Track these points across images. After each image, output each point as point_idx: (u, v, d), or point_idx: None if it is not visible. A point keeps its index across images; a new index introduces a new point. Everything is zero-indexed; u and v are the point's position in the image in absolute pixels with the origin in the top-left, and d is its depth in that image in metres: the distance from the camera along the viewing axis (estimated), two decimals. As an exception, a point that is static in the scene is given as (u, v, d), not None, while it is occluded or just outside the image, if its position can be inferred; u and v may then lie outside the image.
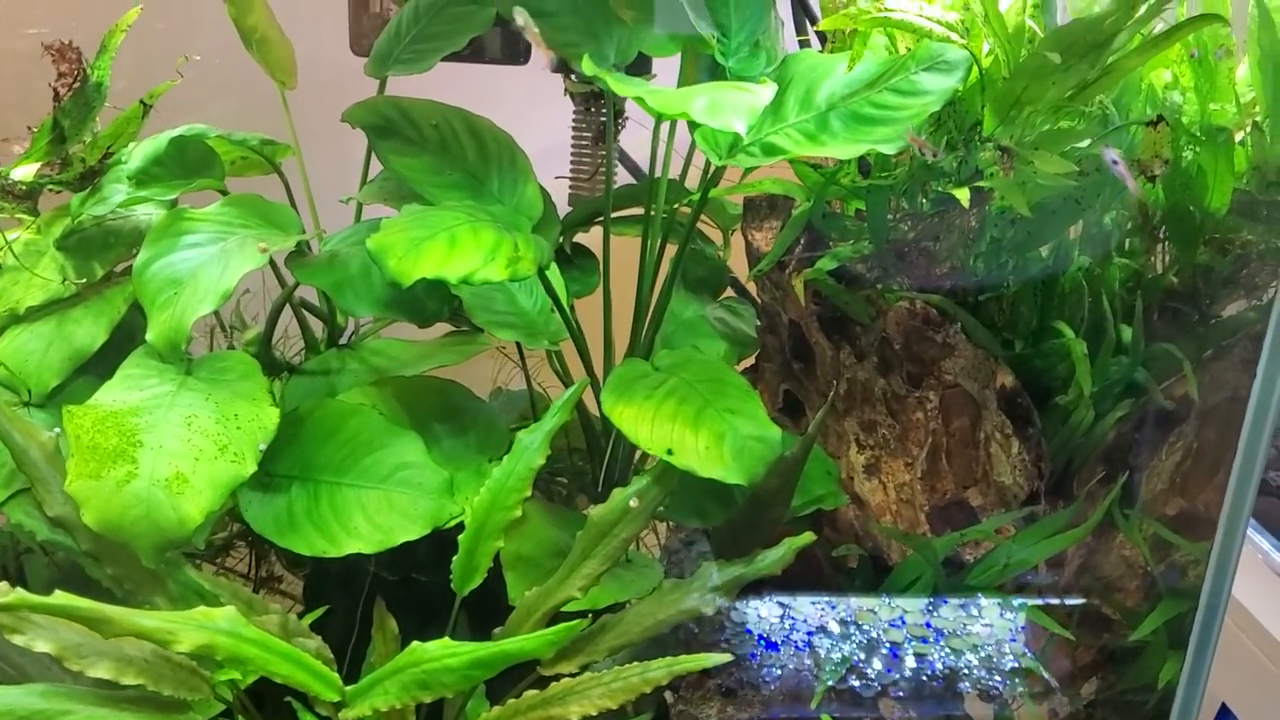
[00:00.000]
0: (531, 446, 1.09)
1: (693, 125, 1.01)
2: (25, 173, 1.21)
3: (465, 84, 1.29)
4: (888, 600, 1.27)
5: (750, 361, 1.28)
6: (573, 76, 1.28)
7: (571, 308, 1.23)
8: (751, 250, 1.21)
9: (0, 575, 1.27)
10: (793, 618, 1.32)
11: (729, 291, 1.36)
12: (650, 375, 1.09)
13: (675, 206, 1.21)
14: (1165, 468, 1.18)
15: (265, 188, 1.31)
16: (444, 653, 0.97)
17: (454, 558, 1.09)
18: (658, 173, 1.20)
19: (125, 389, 1.08)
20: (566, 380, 1.26)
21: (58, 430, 1.15)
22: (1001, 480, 1.17)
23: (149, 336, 1.10)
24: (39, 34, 1.24)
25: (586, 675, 1.02)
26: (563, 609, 1.07)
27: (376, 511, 1.11)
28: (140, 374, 1.10)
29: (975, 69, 1.01)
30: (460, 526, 1.10)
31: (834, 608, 1.29)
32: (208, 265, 1.09)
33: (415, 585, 1.23)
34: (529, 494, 1.09)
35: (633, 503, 1.03)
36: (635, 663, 1.02)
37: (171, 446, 1.03)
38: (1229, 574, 0.97)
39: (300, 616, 1.30)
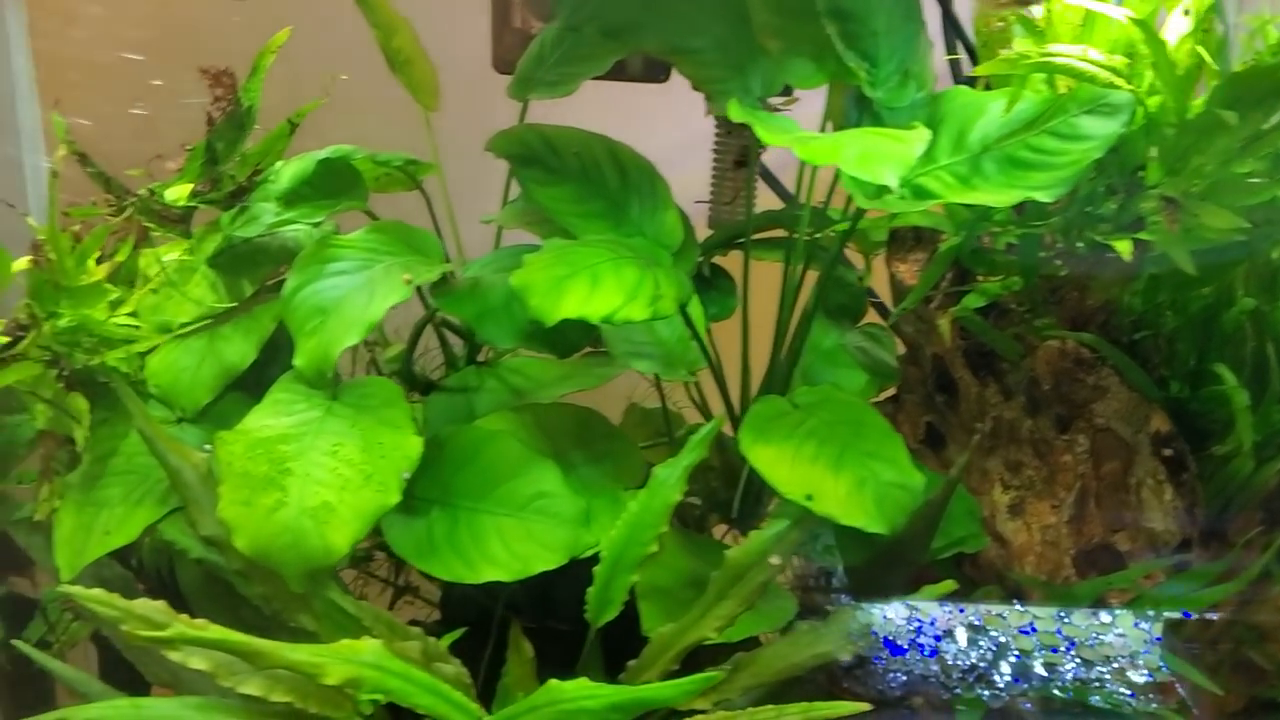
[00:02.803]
0: (669, 482, 1.09)
1: (841, 164, 0.99)
2: (178, 193, 1.25)
3: (603, 101, 1.29)
4: (1018, 605, 1.24)
5: (891, 391, 1.26)
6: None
7: (708, 330, 1.22)
8: (895, 282, 1.18)
9: (154, 577, 1.31)
10: (919, 620, 1.30)
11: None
12: (789, 414, 1.08)
13: (819, 233, 1.19)
14: (1329, 518, 1.12)
15: (406, 204, 1.32)
16: (582, 694, 0.98)
17: (588, 589, 1.10)
18: (802, 198, 1.18)
19: (273, 414, 1.11)
20: (703, 408, 1.25)
21: (208, 447, 1.19)
22: (1152, 526, 1.13)
23: (296, 363, 1.12)
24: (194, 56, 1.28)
25: (720, 715, 1.02)
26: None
27: (514, 539, 1.12)
28: (288, 399, 1.12)
29: (1140, 112, 0.97)
30: (595, 556, 1.11)
31: (962, 611, 1.27)
32: (353, 295, 1.11)
33: (547, 607, 1.25)
34: (665, 529, 1.09)
35: (773, 560, 1.02)
36: (770, 705, 1.02)
37: (318, 475, 1.06)
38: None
39: (436, 625, 1.33)
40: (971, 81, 1.20)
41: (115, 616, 1.05)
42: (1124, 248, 0.95)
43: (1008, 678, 1.23)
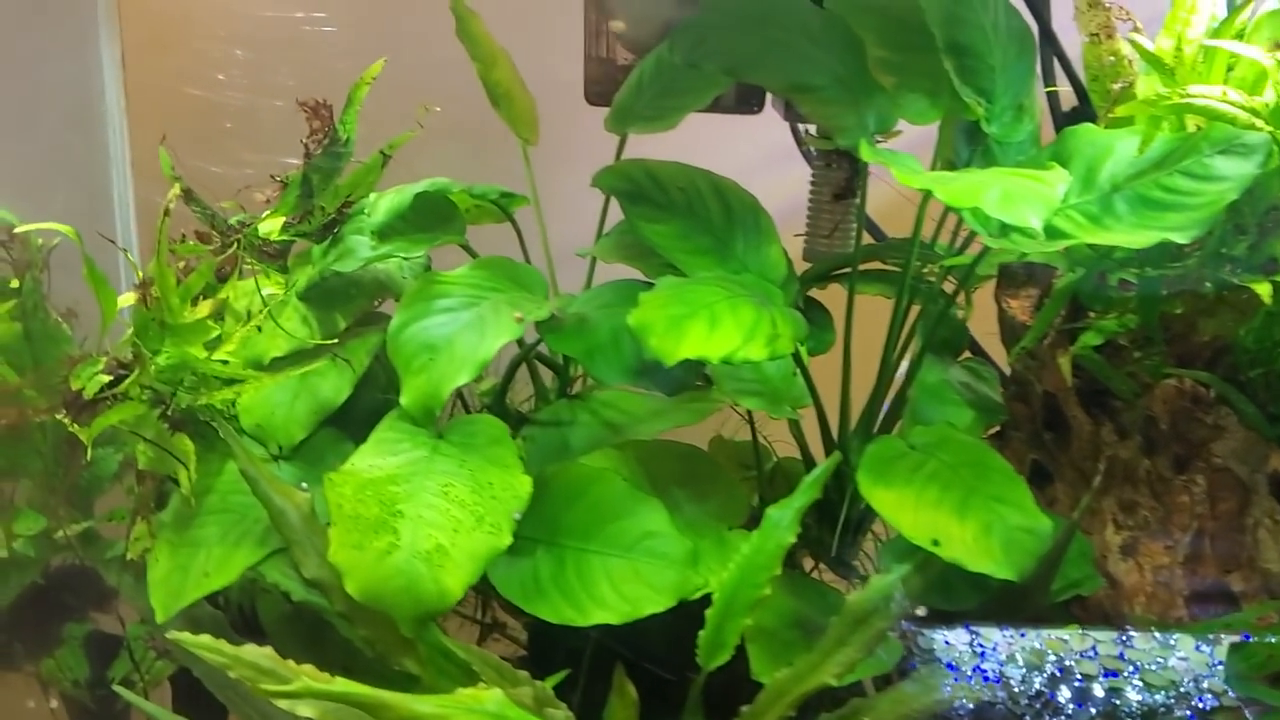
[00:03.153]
0: (782, 524, 1.07)
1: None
2: (271, 227, 1.23)
3: (693, 131, 1.27)
4: (1081, 629, 1.23)
5: (994, 427, 1.24)
6: (810, 130, 1.25)
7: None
8: (1006, 318, 1.17)
9: (237, 612, 1.30)
10: (982, 645, 1.28)
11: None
12: (907, 455, 1.06)
13: (926, 267, 1.18)
14: None
15: (496, 235, 1.31)
16: (707, 743, 0.96)
17: (694, 629, 1.08)
18: (903, 232, 1.17)
19: (380, 454, 1.09)
20: (804, 444, 1.23)
21: (305, 486, 1.18)
22: (1268, 567, 1.11)
23: (403, 401, 1.11)
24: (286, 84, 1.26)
25: (840, 763, 1.01)
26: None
27: (623, 581, 1.10)
28: (394, 438, 1.11)
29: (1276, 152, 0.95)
30: (703, 599, 1.09)
31: (1023, 635, 1.25)
32: (463, 333, 1.09)
33: (639, 647, 1.23)
34: (778, 572, 1.07)
35: (897, 597, 1.00)
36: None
37: (430, 517, 1.04)
38: None
39: (522, 663, 1.31)
40: (1078, 116, 1.19)
41: (223, 663, 1.03)
42: (1263, 290, 0.94)
43: (1073, 703, 1.21)
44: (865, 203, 1.23)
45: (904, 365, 1.27)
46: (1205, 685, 1.23)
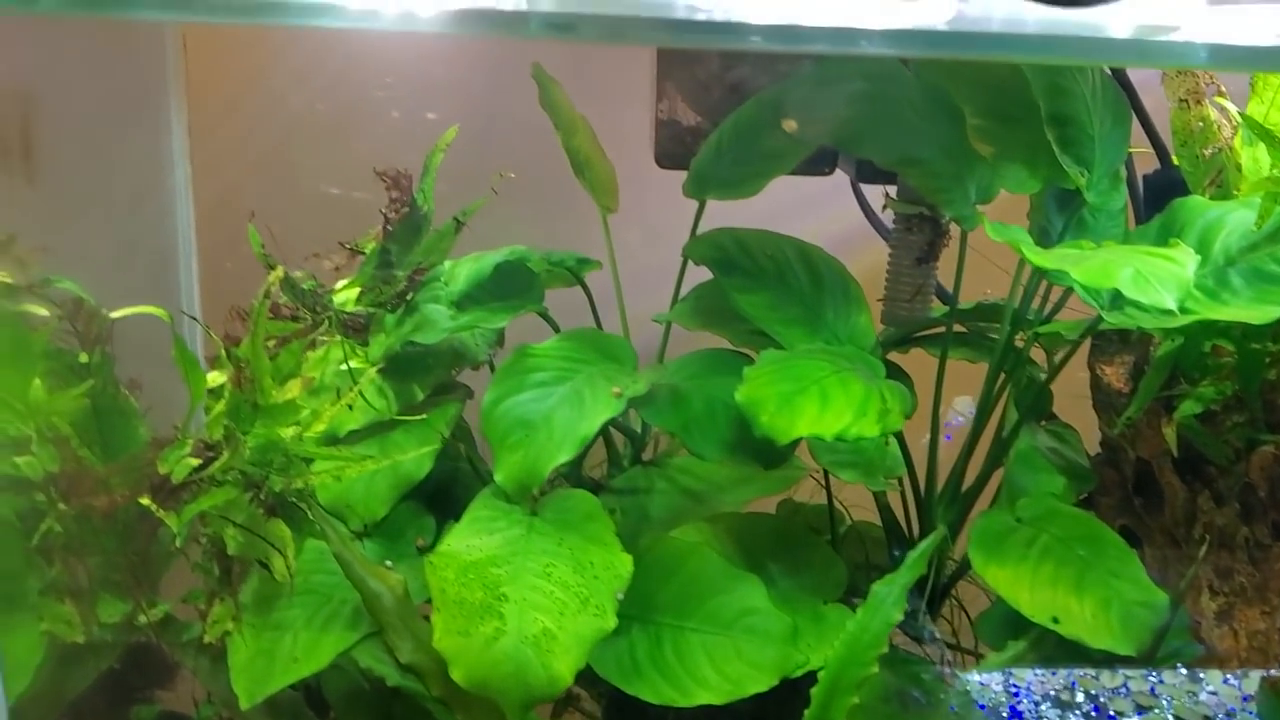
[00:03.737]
0: (888, 600, 1.05)
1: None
2: (347, 297, 1.21)
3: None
4: (1110, 669, 1.22)
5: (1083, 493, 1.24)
6: (891, 194, 1.24)
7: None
8: (1101, 385, 1.16)
9: (302, 686, 1.26)
10: (1015, 686, 1.27)
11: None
12: (1017, 530, 1.05)
13: (1018, 333, 1.17)
14: None
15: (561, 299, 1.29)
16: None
17: (805, 711, 1.06)
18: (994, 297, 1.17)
19: (477, 534, 1.07)
20: (889, 512, 1.22)
21: (390, 563, 1.15)
22: (1366, 631, 1.11)
23: (497, 478, 1.08)
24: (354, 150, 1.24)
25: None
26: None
27: (724, 660, 1.08)
28: (488, 515, 1.09)
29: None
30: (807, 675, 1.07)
31: (1054, 674, 1.25)
32: (560, 408, 1.08)
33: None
34: (885, 649, 1.05)
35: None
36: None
37: (535, 600, 1.02)
38: None
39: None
40: (1164, 179, 1.19)
41: (325, 754, 1.01)
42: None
43: None
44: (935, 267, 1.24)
45: (954, 418, 1.27)
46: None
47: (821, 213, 1.36)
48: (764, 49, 0.99)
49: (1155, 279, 0.87)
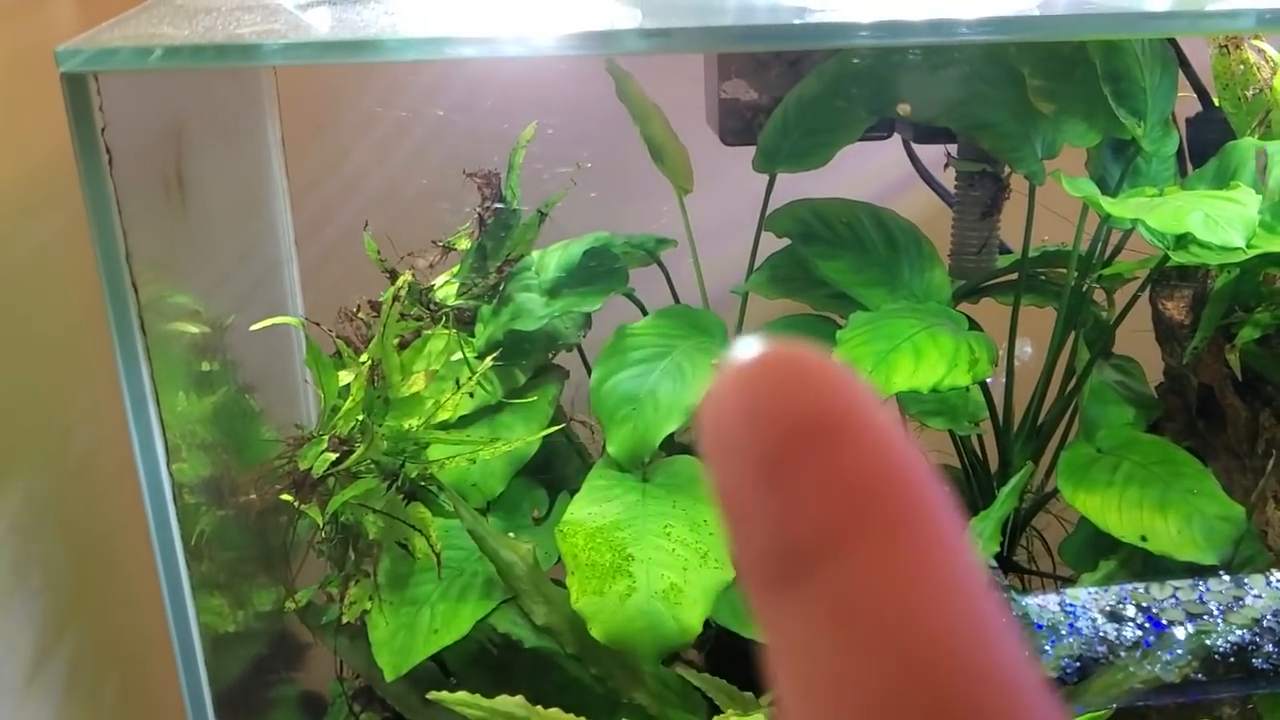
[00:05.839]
0: (985, 535, 1.14)
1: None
2: (447, 293, 1.28)
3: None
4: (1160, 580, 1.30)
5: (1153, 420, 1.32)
6: (953, 154, 1.31)
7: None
8: (1162, 318, 1.24)
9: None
10: (1071, 605, 1.36)
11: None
12: (1099, 459, 1.14)
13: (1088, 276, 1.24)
14: None
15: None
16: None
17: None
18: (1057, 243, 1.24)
19: (596, 502, 1.15)
20: (968, 450, 1.30)
21: (513, 534, 1.23)
22: None
23: (610, 450, 1.17)
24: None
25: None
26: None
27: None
28: (604, 485, 1.17)
29: None
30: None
31: (1106, 591, 1.32)
32: (663, 382, 1.16)
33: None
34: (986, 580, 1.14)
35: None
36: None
37: (659, 558, 1.10)
38: None
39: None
40: (1207, 119, 1.26)
41: (480, 715, 1.10)
42: None
43: (1169, 651, 1.28)
44: (998, 220, 1.31)
45: (1020, 355, 1.34)
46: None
47: (872, 177, 1.43)
48: (871, 45, 1.05)
49: (1223, 220, 0.95)
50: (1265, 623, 1.29)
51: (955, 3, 0.76)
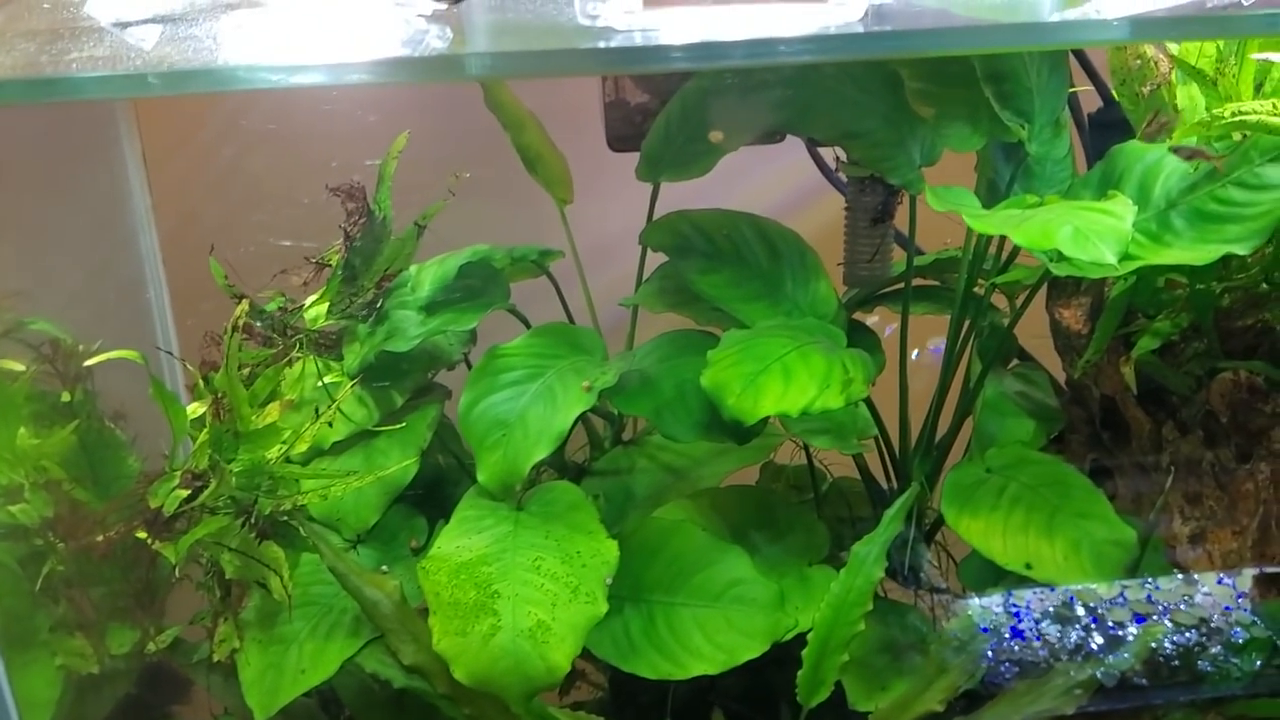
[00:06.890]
0: (869, 559, 1.09)
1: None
2: (317, 313, 1.23)
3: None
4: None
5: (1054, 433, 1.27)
6: (842, 158, 1.26)
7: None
8: (1060, 328, 1.19)
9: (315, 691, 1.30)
10: (1015, 606, 1.31)
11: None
12: (987, 480, 1.09)
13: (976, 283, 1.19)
14: None
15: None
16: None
17: (798, 673, 1.10)
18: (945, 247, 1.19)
19: (465, 534, 1.10)
20: (864, 468, 1.25)
21: (386, 568, 1.18)
22: (1336, 543, 1.14)
23: (480, 478, 1.11)
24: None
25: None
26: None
27: (715, 631, 1.12)
28: (475, 515, 1.12)
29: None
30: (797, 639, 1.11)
31: (1053, 591, 1.28)
32: (533, 406, 1.10)
33: (718, 687, 1.24)
34: (870, 607, 1.09)
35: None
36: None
37: (526, 594, 1.05)
38: None
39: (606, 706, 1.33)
40: (1106, 117, 1.21)
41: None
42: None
43: (1109, 654, 1.24)
44: (892, 226, 1.26)
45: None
46: (1233, 619, 1.26)
47: (774, 174, 1.37)
48: (689, 68, 0.99)
49: (1094, 235, 0.89)
50: (1213, 623, 1.25)
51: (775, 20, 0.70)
